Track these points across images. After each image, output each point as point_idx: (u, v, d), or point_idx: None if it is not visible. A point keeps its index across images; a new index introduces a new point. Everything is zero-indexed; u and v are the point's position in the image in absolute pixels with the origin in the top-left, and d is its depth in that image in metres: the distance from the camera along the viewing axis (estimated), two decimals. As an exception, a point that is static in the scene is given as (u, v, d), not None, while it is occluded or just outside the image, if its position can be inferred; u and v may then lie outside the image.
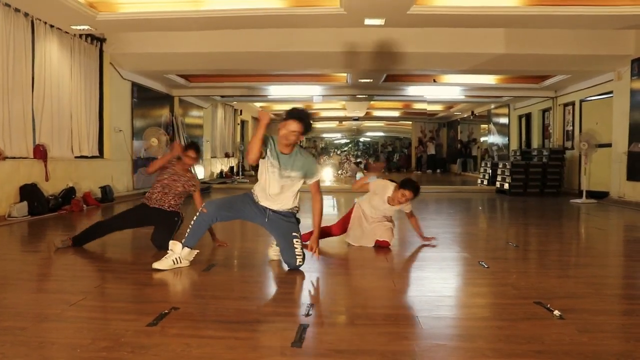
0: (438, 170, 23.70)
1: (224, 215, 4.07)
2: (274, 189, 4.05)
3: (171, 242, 4.11)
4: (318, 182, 4.16)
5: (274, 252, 4.47)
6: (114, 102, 10.34)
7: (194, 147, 5.14)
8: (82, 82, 9.24)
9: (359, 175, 20.74)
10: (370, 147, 34.47)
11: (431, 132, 25.63)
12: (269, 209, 4.11)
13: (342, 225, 5.29)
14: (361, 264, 4.56)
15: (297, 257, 4.06)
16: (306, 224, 4.83)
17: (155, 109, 12.76)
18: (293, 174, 4.05)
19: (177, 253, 4.06)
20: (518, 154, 14.04)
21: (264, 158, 4.01)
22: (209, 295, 3.46)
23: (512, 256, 4.92)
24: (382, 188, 5.13)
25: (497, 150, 18.22)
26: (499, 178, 13.05)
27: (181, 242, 4.06)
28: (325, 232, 5.19)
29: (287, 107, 16.46)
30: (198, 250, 4.24)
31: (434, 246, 5.25)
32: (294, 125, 3.91)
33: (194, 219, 4.04)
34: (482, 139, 21.89)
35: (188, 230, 4.06)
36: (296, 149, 4.07)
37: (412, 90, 14.48)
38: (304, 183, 4.15)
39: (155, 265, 4.03)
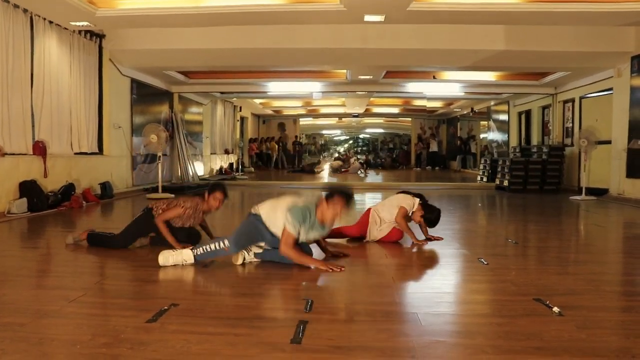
0: (437, 167, 23.69)
1: (244, 248, 4.17)
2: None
3: (185, 251, 4.12)
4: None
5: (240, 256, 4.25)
6: (113, 99, 10.33)
7: (221, 189, 4.78)
8: (82, 78, 9.23)
9: (361, 173, 20.41)
10: (370, 144, 34.43)
11: (431, 129, 25.61)
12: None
13: (360, 228, 5.33)
14: (360, 261, 4.56)
15: None
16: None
17: (155, 106, 12.75)
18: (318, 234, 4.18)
19: (187, 260, 4.09)
20: (517, 150, 14.03)
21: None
22: (209, 291, 3.46)
23: (512, 253, 4.93)
24: (409, 205, 5.23)
25: (497, 147, 18.21)
26: (498, 175, 13.04)
27: (194, 254, 4.09)
28: (338, 233, 5.28)
29: (287, 103, 16.32)
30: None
31: (440, 239, 5.35)
32: (347, 209, 4.06)
33: (214, 248, 4.06)
34: (481, 136, 21.88)
35: (204, 249, 4.08)
36: None
37: (412, 86, 14.47)
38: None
39: (162, 261, 4.05)
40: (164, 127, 11.35)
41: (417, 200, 5.27)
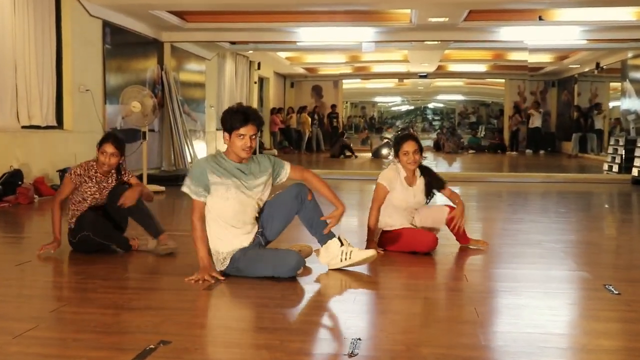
0: (542, 151, 23.35)
1: None
2: (250, 210, 4.47)
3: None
4: (297, 167, 4.71)
5: None
6: (77, 50, 10.46)
7: (111, 139, 5.29)
8: (31, 20, 9.30)
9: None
10: (444, 117, 34.13)
11: (534, 95, 25.22)
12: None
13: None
14: (427, 283, 4.55)
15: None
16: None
17: (138, 60, 12.90)
18: (262, 178, 4.50)
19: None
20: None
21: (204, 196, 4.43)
22: (213, 324, 3.48)
23: (656, 278, 4.84)
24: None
25: (636, 121, 17.85)
26: (636, 162, 12.82)
27: None
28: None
29: (325, 58, 16.36)
30: None
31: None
32: (252, 129, 4.36)
33: None
34: (611, 105, 21.46)
35: None
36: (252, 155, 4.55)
37: (507, 32, 14.28)
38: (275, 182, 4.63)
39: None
40: (150, 91, 11.45)
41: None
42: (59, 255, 5.03)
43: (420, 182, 5.37)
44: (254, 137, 4.34)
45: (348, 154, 20.88)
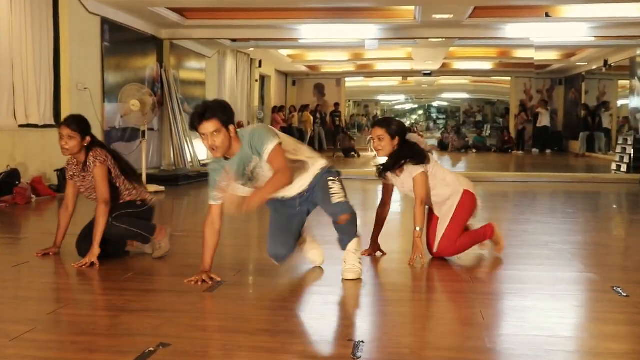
0: (549, 150, 23.30)
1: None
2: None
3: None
4: (276, 153, 4.25)
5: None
6: (75, 48, 10.46)
7: (65, 121, 5.02)
8: (28, 17, 9.30)
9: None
10: (449, 115, 34.08)
11: (541, 93, 25.18)
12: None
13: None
14: (431, 285, 4.54)
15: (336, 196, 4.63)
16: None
17: (137, 58, 12.89)
18: (254, 163, 4.31)
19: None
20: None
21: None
22: (214, 326, 3.48)
23: (665, 279, 4.83)
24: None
25: (645, 120, 17.83)
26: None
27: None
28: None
29: (328, 56, 16.26)
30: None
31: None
32: (208, 126, 4.26)
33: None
34: (619, 103, 21.41)
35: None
36: (239, 141, 4.35)
37: (513, 29, 14.26)
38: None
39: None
40: (149, 89, 11.45)
41: None
42: (56, 256, 5.04)
43: (405, 168, 5.08)
44: (216, 133, 4.18)
45: (352, 153, 21.06)
